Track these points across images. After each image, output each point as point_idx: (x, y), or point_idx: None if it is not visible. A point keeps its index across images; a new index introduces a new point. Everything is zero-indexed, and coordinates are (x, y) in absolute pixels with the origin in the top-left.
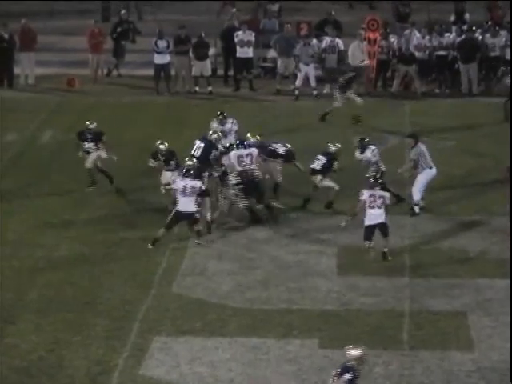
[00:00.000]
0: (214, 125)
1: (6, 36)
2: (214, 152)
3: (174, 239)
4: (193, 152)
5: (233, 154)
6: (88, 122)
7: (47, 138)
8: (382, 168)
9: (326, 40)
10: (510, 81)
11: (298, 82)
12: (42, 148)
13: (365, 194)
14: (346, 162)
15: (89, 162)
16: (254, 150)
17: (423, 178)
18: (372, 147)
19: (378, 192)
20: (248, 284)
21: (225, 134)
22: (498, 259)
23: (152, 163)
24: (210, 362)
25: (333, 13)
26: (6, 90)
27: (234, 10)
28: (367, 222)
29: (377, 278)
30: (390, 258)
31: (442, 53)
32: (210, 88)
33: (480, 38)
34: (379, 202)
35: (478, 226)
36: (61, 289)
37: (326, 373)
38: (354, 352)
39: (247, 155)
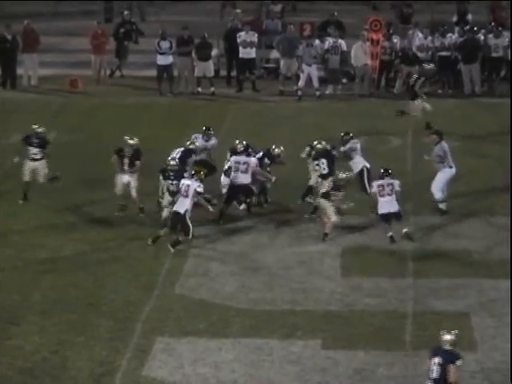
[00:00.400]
0: (200, 140)
1: (9, 37)
2: (193, 156)
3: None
4: (174, 155)
5: (233, 158)
6: (36, 126)
7: (50, 139)
8: (366, 164)
9: (329, 41)
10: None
11: (301, 83)
12: None
13: (374, 186)
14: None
15: (26, 176)
16: (253, 160)
17: (442, 177)
18: (354, 141)
19: (386, 180)
20: (251, 285)
21: (206, 149)
22: (501, 259)
23: (114, 159)
24: (214, 362)
25: (335, 13)
26: (8, 90)
27: (239, 10)
28: (380, 211)
29: (380, 279)
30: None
31: (444, 53)
32: (212, 89)
33: (482, 38)
34: (388, 189)
35: (482, 226)
36: (65, 290)
37: (328, 373)
38: (449, 336)
39: (244, 163)
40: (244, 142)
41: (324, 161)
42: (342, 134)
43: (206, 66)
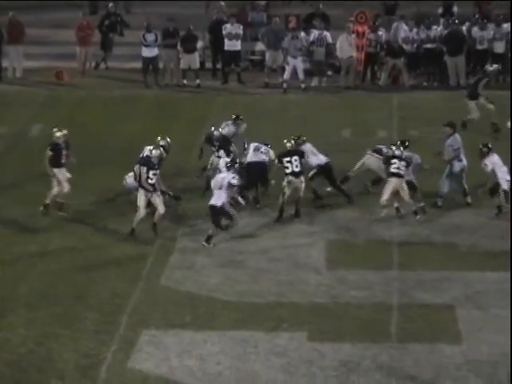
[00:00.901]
0: (230, 127)
1: None
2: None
3: (163, 231)
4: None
5: (252, 144)
6: None
7: (37, 131)
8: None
9: (314, 33)
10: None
11: (287, 75)
12: (31, 141)
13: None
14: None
15: None
16: (271, 153)
17: (452, 169)
18: (308, 145)
19: (405, 154)
20: (237, 277)
21: (235, 135)
22: (487, 252)
23: (50, 156)
24: (199, 355)
25: (321, 6)
26: None
27: (223, 3)
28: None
29: (366, 272)
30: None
31: (429, 46)
32: (198, 81)
33: (465, 30)
34: (402, 163)
35: (469, 218)
36: (51, 283)
37: (314, 366)
38: None
39: (264, 151)
40: (220, 130)
41: (297, 158)
42: (296, 138)
43: (192, 58)
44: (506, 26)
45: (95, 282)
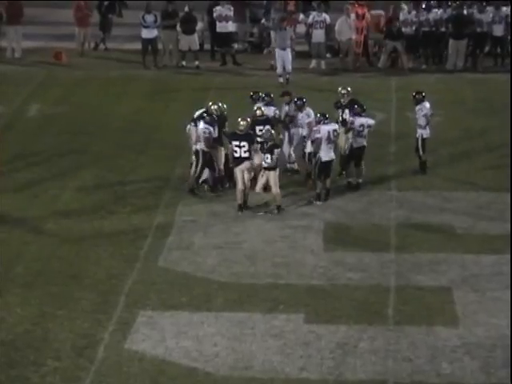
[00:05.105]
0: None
1: None
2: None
3: (161, 212)
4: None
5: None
6: None
7: (34, 111)
8: None
9: (313, 15)
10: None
11: (279, 69)
12: (29, 121)
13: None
14: None
15: None
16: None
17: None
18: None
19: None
20: (234, 258)
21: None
22: (484, 235)
23: None
24: (196, 336)
25: None
26: None
27: None
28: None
29: (363, 254)
30: None
31: (427, 29)
32: (197, 62)
33: (466, 13)
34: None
35: (465, 201)
36: (47, 262)
37: (311, 347)
38: None
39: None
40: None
41: (269, 127)
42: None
43: (191, 39)
44: (506, 8)
45: (91, 262)
